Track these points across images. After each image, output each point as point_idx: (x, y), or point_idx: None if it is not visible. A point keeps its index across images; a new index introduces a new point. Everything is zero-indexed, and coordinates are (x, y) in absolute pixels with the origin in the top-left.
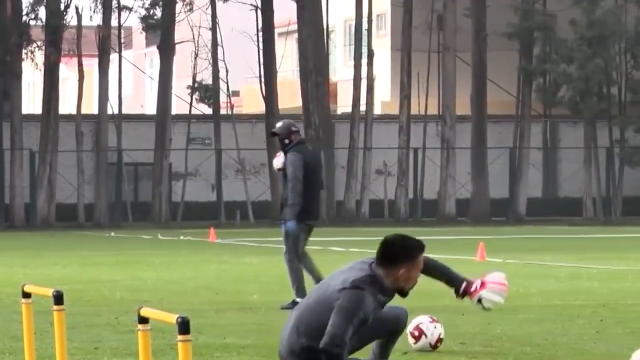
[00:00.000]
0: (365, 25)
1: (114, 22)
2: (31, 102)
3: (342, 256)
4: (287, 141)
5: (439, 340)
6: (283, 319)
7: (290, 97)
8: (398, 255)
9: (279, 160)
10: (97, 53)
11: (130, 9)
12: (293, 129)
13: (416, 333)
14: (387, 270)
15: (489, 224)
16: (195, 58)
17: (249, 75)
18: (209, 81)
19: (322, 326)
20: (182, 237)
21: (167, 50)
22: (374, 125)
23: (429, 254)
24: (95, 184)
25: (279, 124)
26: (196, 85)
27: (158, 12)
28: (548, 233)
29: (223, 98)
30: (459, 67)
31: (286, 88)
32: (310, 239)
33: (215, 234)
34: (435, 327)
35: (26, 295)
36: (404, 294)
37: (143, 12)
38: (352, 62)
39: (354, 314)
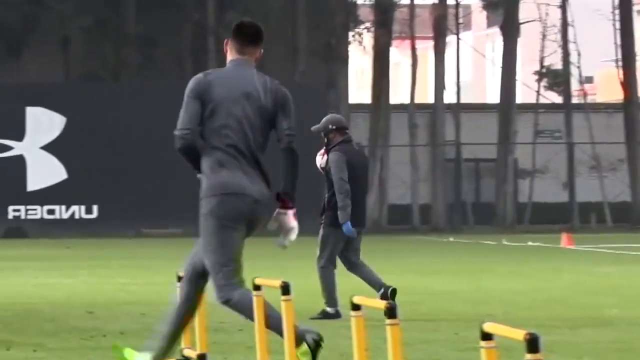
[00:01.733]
0: None
1: (450, 0)
2: (359, 90)
3: None
4: (327, 139)
5: None
6: None
7: None
8: (262, 35)
9: (321, 159)
10: (432, 35)
11: None
12: (331, 126)
13: None
14: (253, 50)
15: None
16: (542, 40)
17: (605, 58)
18: (559, 66)
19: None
20: (530, 243)
21: (510, 31)
22: None
23: None
24: (431, 183)
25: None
26: (544, 70)
27: None
28: None
29: (575, 85)
30: None
31: None
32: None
33: (570, 239)
34: None
35: (356, 307)
36: None
37: None
38: None
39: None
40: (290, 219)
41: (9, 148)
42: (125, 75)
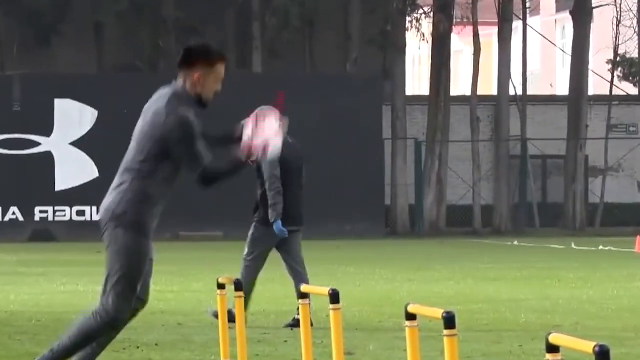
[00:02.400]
0: None
1: None
2: (417, 81)
3: None
4: None
5: None
6: None
7: None
8: (195, 56)
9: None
10: (496, 21)
11: None
12: None
13: None
14: (186, 73)
15: None
16: (617, 26)
17: None
18: (635, 54)
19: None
20: (601, 247)
21: (582, 17)
22: None
23: None
24: (494, 182)
25: None
26: (618, 59)
27: None
28: None
29: None
30: None
31: None
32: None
33: None
34: None
35: (411, 317)
36: (202, 103)
37: None
38: None
39: (193, 133)
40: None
41: (36, 144)
42: (163, 65)
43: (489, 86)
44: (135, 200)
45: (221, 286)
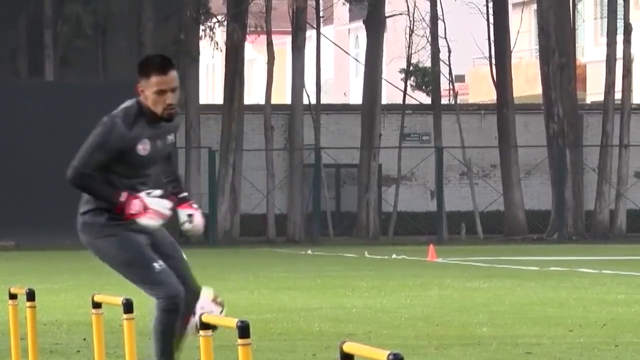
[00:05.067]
0: None
1: None
2: (210, 90)
3: (594, 279)
4: None
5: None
6: (517, 357)
7: (527, 83)
8: (138, 69)
9: None
10: (290, 29)
11: None
12: None
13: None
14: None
15: None
16: (410, 35)
17: (477, 55)
18: (427, 64)
19: None
20: (394, 256)
21: (375, 26)
22: (632, 117)
23: None
24: (288, 191)
25: None
26: (411, 68)
27: None
28: None
29: (444, 84)
30: None
31: (522, 72)
32: (554, 258)
33: (436, 251)
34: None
35: (205, 326)
36: (157, 118)
37: None
38: (604, 40)
39: (96, 142)
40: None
41: None
42: None
43: (282, 95)
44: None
45: (13, 296)
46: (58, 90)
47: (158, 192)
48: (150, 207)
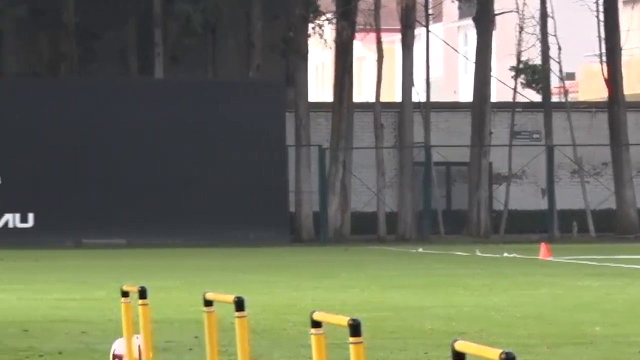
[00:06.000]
0: None
1: None
2: (320, 88)
3: None
4: None
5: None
6: (631, 356)
7: (638, 81)
8: None
9: None
10: (399, 27)
11: None
12: None
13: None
14: None
15: None
16: (520, 33)
17: (588, 53)
18: (538, 61)
19: None
20: (505, 254)
21: (485, 23)
22: None
23: None
24: (398, 189)
25: None
26: (521, 66)
27: None
28: None
29: (555, 82)
30: None
31: (633, 69)
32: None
33: (548, 249)
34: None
35: (316, 324)
36: None
37: None
38: None
39: None
40: None
41: None
42: (63, 70)
43: (392, 93)
44: None
45: (125, 294)
46: (168, 87)
47: None
48: None
